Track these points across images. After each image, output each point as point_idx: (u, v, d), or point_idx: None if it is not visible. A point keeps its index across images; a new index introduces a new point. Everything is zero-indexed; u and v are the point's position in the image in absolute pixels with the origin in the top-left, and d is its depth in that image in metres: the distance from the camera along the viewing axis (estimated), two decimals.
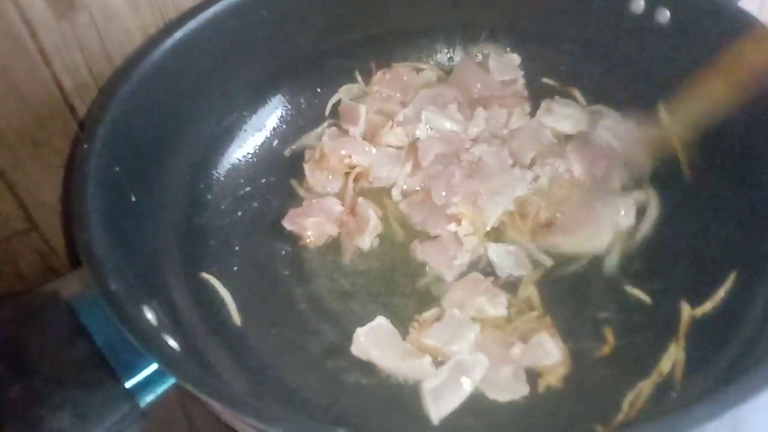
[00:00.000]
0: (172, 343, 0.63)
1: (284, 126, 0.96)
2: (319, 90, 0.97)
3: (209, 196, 0.88)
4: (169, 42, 0.80)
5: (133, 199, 0.75)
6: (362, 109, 0.93)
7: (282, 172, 0.93)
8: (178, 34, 0.80)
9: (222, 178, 0.90)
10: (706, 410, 0.54)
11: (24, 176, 0.87)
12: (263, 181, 0.92)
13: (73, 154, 0.85)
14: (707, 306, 0.76)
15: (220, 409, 0.60)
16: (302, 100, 0.97)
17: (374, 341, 0.76)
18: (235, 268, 0.84)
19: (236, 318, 0.79)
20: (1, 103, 0.81)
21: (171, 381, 0.61)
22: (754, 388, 0.55)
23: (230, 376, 0.71)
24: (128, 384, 0.60)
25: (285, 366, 0.76)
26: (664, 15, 0.86)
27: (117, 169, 0.72)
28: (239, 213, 0.88)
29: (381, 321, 0.77)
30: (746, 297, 0.75)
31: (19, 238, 0.91)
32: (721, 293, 0.76)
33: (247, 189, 0.91)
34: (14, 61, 0.79)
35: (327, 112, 0.96)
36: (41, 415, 0.56)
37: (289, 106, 0.96)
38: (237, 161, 0.92)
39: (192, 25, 0.81)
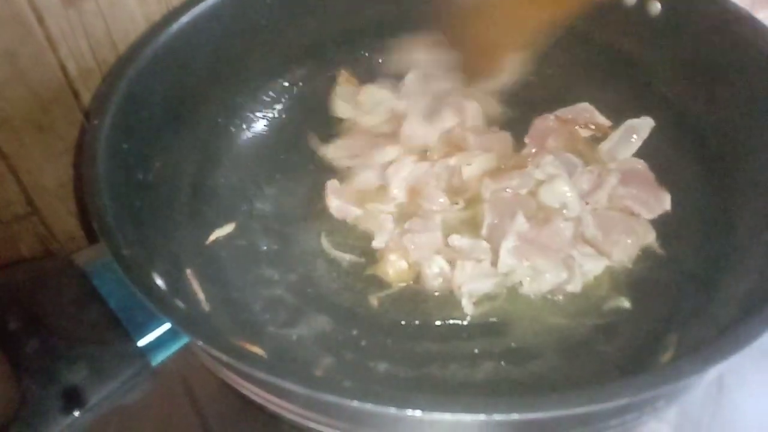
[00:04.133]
0: (181, 305, 0.64)
1: (293, 110, 0.99)
2: (322, 78, 1.00)
3: (215, 180, 0.90)
4: (175, 26, 0.82)
5: (140, 177, 0.77)
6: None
7: (291, 157, 0.95)
8: (185, 18, 0.83)
9: (228, 163, 0.93)
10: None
11: (27, 160, 0.88)
12: (273, 162, 0.94)
13: (82, 131, 0.87)
14: None
15: (227, 365, 0.62)
16: (306, 83, 1.00)
17: None
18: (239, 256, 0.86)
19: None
20: (6, 87, 0.82)
21: (181, 341, 0.63)
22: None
23: None
24: (140, 343, 0.62)
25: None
26: (656, 7, 0.90)
27: (125, 146, 0.74)
28: (243, 207, 0.90)
29: None
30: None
31: (19, 221, 0.93)
32: None
33: (253, 176, 0.93)
34: (21, 47, 0.81)
35: None
36: (58, 369, 0.58)
37: (291, 90, 0.99)
38: (244, 145, 0.95)
39: (197, 10, 0.84)
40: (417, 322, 0.79)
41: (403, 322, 0.79)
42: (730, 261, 0.78)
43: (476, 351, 0.77)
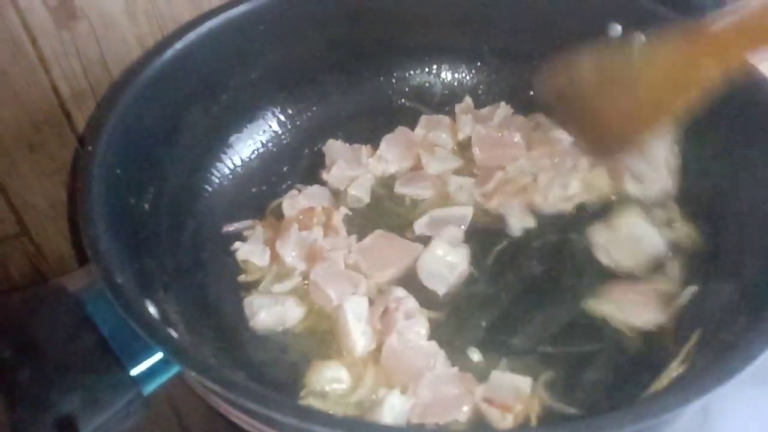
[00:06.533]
0: (173, 334, 0.65)
1: (282, 135, 0.99)
2: (313, 104, 1.01)
3: (206, 203, 0.91)
4: (169, 52, 0.83)
5: (132, 201, 0.78)
6: None
7: (278, 179, 0.96)
8: (179, 45, 0.83)
9: (216, 186, 0.93)
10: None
11: (17, 180, 0.89)
12: (261, 188, 0.95)
13: (76, 157, 0.88)
14: None
15: (219, 395, 0.63)
16: (297, 111, 1.00)
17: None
18: (229, 272, 0.86)
19: None
20: None
21: (172, 371, 0.63)
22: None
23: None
24: (133, 372, 0.62)
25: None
26: (640, 39, 0.91)
27: (118, 171, 0.74)
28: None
29: None
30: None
31: (9, 241, 0.93)
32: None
33: (244, 196, 0.94)
34: (14, 67, 0.82)
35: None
36: (51, 398, 0.58)
37: (281, 118, 0.99)
38: (234, 168, 0.95)
39: (191, 37, 0.84)
40: None
41: None
42: (714, 291, 0.79)
43: None
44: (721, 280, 0.80)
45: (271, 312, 0.81)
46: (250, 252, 0.86)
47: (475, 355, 0.79)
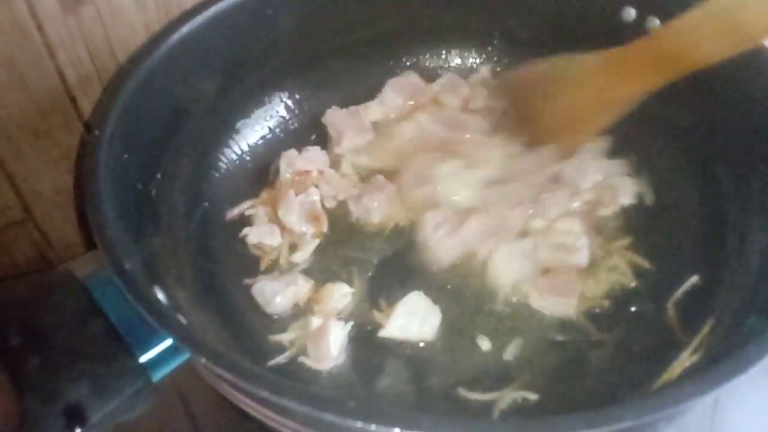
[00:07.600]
0: (183, 320, 0.64)
1: (289, 121, 0.99)
2: (321, 90, 1.01)
3: (214, 188, 0.90)
4: (175, 37, 0.82)
5: (140, 187, 0.77)
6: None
7: None
8: (185, 29, 0.82)
9: (224, 172, 0.93)
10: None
11: (23, 167, 0.88)
12: (269, 174, 0.94)
13: (83, 142, 0.87)
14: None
15: (229, 382, 0.62)
16: (305, 96, 1.00)
17: None
18: (238, 257, 0.86)
19: None
20: (4, 93, 0.82)
21: (182, 358, 0.63)
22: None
23: None
24: (142, 359, 0.61)
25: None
26: (654, 23, 0.90)
27: (126, 156, 0.74)
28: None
29: None
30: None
31: (15, 228, 0.92)
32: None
33: (251, 181, 0.93)
34: (20, 53, 0.81)
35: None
36: (60, 386, 0.57)
37: (289, 103, 0.99)
38: (242, 153, 0.95)
39: (198, 21, 0.84)
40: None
41: None
42: (724, 281, 0.78)
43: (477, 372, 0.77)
44: (730, 271, 0.79)
45: (285, 294, 0.81)
46: (260, 233, 0.86)
47: (485, 344, 0.78)
